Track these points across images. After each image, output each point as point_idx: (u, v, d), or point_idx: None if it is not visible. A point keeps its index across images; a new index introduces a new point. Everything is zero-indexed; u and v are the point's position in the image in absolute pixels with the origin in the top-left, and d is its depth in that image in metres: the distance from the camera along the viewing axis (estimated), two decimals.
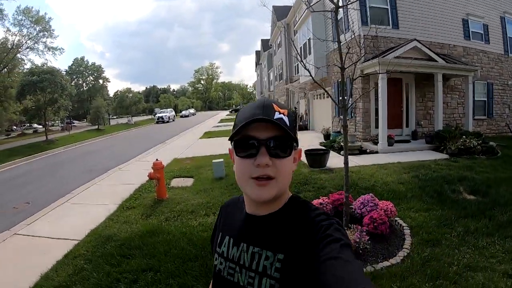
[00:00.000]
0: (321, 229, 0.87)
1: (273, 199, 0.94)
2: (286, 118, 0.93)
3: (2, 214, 7.75)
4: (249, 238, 0.99)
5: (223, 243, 1.07)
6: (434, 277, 3.52)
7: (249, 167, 0.91)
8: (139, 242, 4.94)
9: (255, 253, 0.96)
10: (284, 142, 0.92)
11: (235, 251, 1.01)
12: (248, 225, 1.01)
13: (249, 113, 0.93)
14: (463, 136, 10.02)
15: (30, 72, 25.21)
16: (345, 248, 0.81)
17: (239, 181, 0.96)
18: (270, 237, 0.95)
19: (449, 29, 13.11)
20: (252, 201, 0.99)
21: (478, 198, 6.00)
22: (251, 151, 0.91)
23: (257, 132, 0.91)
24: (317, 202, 5.12)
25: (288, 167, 0.94)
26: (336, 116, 15.32)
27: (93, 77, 66.94)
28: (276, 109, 0.93)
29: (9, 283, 4.26)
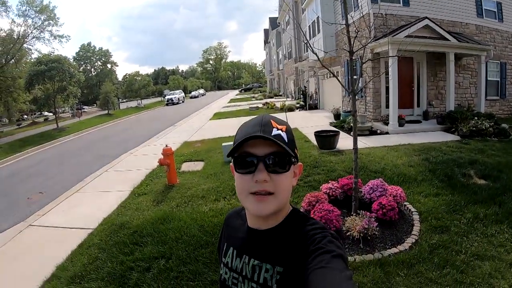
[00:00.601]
0: (314, 242, 0.90)
1: (273, 213, 0.96)
2: (284, 134, 0.95)
3: (17, 205, 7.92)
4: (250, 251, 1.02)
5: (228, 254, 1.10)
6: (441, 266, 3.52)
7: (248, 183, 0.93)
8: (151, 229, 5.00)
9: (255, 265, 0.99)
10: (282, 158, 0.93)
11: (238, 262, 1.04)
12: (250, 238, 1.04)
13: (247, 130, 0.95)
14: (474, 117, 9.80)
15: (38, 62, 25.35)
16: (335, 259, 0.83)
17: (239, 196, 0.98)
18: (270, 251, 0.97)
19: (461, 7, 12.65)
20: (253, 215, 1.02)
21: (489, 183, 5.87)
22: (249, 167, 0.93)
23: (255, 149, 0.92)
24: (327, 187, 5.13)
25: (287, 182, 0.95)
26: (346, 95, 15.12)
27: (101, 62, 66.81)
28: (274, 126, 0.94)
29: (26, 275, 4.34)
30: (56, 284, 3.92)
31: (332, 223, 4.05)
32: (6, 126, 33.42)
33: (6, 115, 32.45)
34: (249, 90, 63.53)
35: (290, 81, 33.37)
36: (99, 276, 3.94)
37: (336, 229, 4.10)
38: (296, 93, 28.40)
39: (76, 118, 32.57)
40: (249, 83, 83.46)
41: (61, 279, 4.01)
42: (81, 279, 3.95)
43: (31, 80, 24.67)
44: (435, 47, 10.72)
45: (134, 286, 3.70)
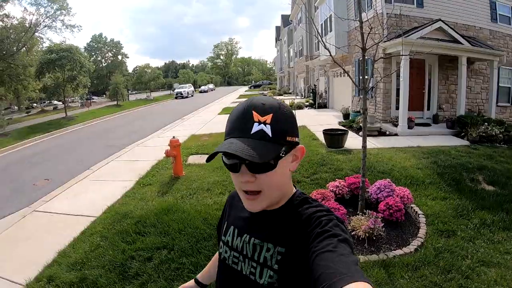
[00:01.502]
0: (320, 224, 0.87)
1: (267, 207, 0.95)
2: (268, 128, 0.87)
3: (23, 191, 7.97)
4: (252, 230, 1.02)
5: (228, 232, 1.09)
6: (446, 270, 3.47)
7: (237, 181, 0.92)
8: (155, 219, 5.00)
9: (256, 245, 0.98)
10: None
11: (238, 241, 1.04)
12: (253, 218, 1.02)
13: (232, 124, 0.91)
14: (485, 123, 9.68)
15: (49, 50, 25.48)
16: (342, 243, 0.80)
17: (236, 190, 0.98)
18: (273, 231, 0.96)
19: (476, 11, 12.48)
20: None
21: (496, 190, 5.81)
22: (234, 168, 0.90)
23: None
24: (334, 185, 5.09)
25: (275, 178, 0.91)
26: (356, 95, 15.03)
27: (112, 53, 67.10)
28: (256, 119, 0.87)
29: (27, 259, 4.36)
30: (57, 270, 3.93)
31: None
32: (15, 113, 33.67)
33: (16, 103, 32.74)
34: (258, 87, 63.43)
35: (300, 79, 33.28)
36: (100, 263, 3.95)
37: None
38: (306, 92, 28.30)
39: (85, 108, 32.83)
40: (259, 80, 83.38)
41: (62, 265, 4.02)
42: (81, 266, 3.95)
43: (42, 68, 24.81)
44: (448, 50, 10.58)
45: (134, 276, 3.69)
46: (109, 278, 3.65)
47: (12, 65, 23.01)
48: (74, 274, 3.79)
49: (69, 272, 3.84)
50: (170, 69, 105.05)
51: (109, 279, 3.65)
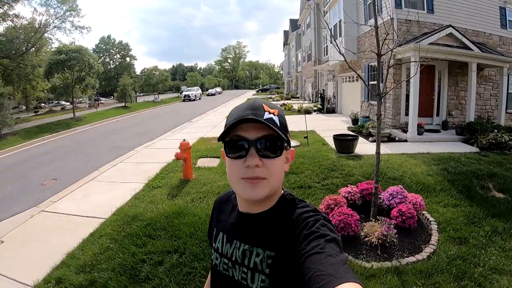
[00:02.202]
0: (307, 226, 0.89)
1: (265, 198, 0.95)
2: (276, 118, 0.93)
3: (30, 191, 7.98)
4: (241, 236, 1.02)
5: (218, 239, 1.09)
6: (459, 277, 3.45)
7: (239, 168, 0.92)
8: (165, 222, 5.00)
9: (246, 250, 0.98)
10: (274, 142, 0.92)
11: (228, 247, 1.04)
12: (241, 223, 1.03)
13: (238, 114, 0.93)
14: (494, 130, 9.62)
15: (58, 51, 25.68)
16: (329, 243, 0.82)
17: (231, 181, 0.97)
18: (261, 235, 0.97)
19: (485, 17, 12.45)
20: (244, 200, 1.00)
21: (507, 197, 5.74)
22: (240, 152, 0.91)
23: (246, 133, 0.91)
24: (346, 191, 5.09)
25: (279, 167, 0.94)
26: (365, 101, 15.01)
27: (120, 55, 67.67)
28: (265, 109, 0.93)
29: (36, 261, 4.34)
30: (65, 271, 3.91)
31: (351, 228, 4.01)
32: (23, 113, 33.91)
33: (24, 102, 33.01)
34: (266, 90, 63.61)
35: (308, 84, 33.30)
36: (110, 266, 3.94)
37: (354, 234, 4.07)
38: (314, 96, 28.31)
39: (93, 109, 33.04)
40: (266, 83, 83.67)
41: (71, 267, 4.00)
42: (91, 268, 3.93)
43: (51, 69, 25.00)
44: (458, 56, 10.54)
45: (145, 279, 3.67)
46: (119, 282, 3.63)
47: (21, 65, 23.33)
48: (83, 276, 3.77)
49: (78, 275, 3.82)
50: (177, 71, 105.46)
51: (119, 282, 3.62)
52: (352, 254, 3.88)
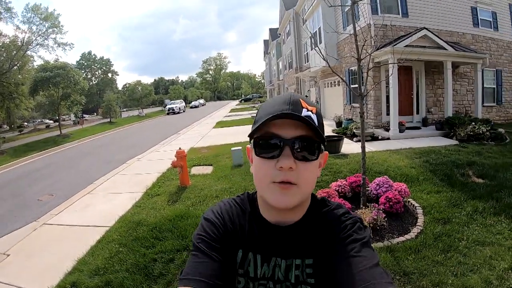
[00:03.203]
0: (345, 229, 0.87)
1: (296, 206, 0.88)
2: (315, 117, 0.84)
3: (28, 206, 8.01)
4: (280, 251, 0.92)
5: (247, 261, 0.93)
6: (445, 250, 3.87)
7: (270, 170, 0.83)
8: (170, 225, 5.21)
9: (289, 265, 0.91)
10: (312, 143, 0.84)
11: (266, 268, 0.92)
12: (276, 237, 0.92)
13: (273, 108, 0.84)
14: (472, 123, 10.21)
15: (43, 68, 25.62)
16: (365, 247, 0.82)
17: (259, 184, 0.88)
18: (299, 245, 0.92)
19: (458, 17, 13.21)
20: (273, 208, 0.89)
21: (486, 182, 6.27)
22: (273, 151, 0.82)
23: (282, 130, 0.82)
24: (336, 184, 5.49)
25: (314, 172, 0.87)
26: (348, 104, 15.55)
27: (102, 71, 67.50)
28: (304, 106, 0.84)
29: (46, 270, 4.44)
30: (79, 276, 4.03)
31: None
32: (7, 133, 33.58)
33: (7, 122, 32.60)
34: (249, 100, 64.04)
35: (290, 91, 33.70)
36: (123, 267, 4.10)
37: None
38: None
39: (78, 126, 32.95)
40: (248, 93, 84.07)
41: (83, 271, 4.13)
42: (104, 271, 4.08)
43: (36, 86, 24.94)
44: (434, 56, 11.17)
45: (159, 276, 3.89)
46: (135, 280, 3.81)
47: (4, 83, 23.11)
48: (98, 279, 3.92)
49: (93, 278, 3.96)
50: (159, 85, 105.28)
51: (135, 280, 3.80)
52: None
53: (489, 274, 3.40)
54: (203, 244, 0.86)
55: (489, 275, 3.38)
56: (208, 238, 0.88)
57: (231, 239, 0.92)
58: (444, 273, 3.45)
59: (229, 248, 0.91)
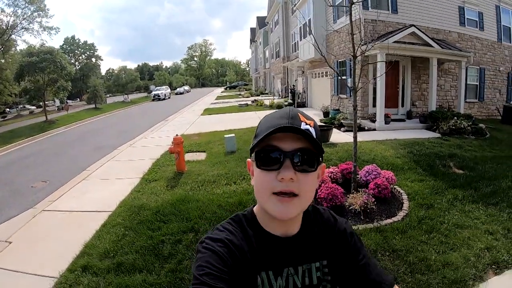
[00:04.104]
0: (351, 237, 1.04)
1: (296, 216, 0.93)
2: (313, 130, 0.88)
3: (21, 193, 7.98)
4: (292, 261, 0.96)
5: (260, 282, 0.92)
6: (429, 231, 4.34)
7: (271, 181, 0.86)
8: (172, 209, 5.41)
9: (306, 270, 0.97)
10: (311, 155, 0.87)
11: (280, 281, 0.94)
12: (285, 249, 0.95)
13: (272, 122, 0.88)
14: (454, 117, 10.72)
15: (29, 53, 25.09)
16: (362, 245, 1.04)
17: (259, 196, 0.91)
18: (310, 250, 0.98)
19: (445, 15, 13.68)
20: (276, 220, 0.92)
21: (466, 173, 6.79)
22: (274, 163, 0.85)
23: (282, 143, 0.85)
24: (328, 171, 5.89)
25: (313, 183, 0.90)
26: (335, 94, 15.95)
27: (86, 56, 66.21)
28: (302, 120, 0.88)
29: (52, 255, 4.47)
30: (89, 259, 4.11)
31: (337, 199, 4.84)
32: None
33: None
34: (234, 87, 63.80)
35: (277, 80, 34.09)
36: (132, 249, 4.24)
37: (340, 204, 4.90)
38: (283, 92, 29.16)
39: (63, 112, 32.36)
40: (233, 81, 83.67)
41: (93, 255, 4.22)
42: (114, 253, 4.20)
43: (22, 72, 24.45)
44: (420, 52, 11.64)
45: (169, 256, 4.07)
46: (146, 260, 3.97)
47: None
48: (109, 261, 4.04)
49: (103, 260, 4.07)
50: (143, 71, 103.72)
51: (146, 261, 3.96)
52: None
53: (467, 252, 3.86)
54: (207, 277, 0.80)
55: (467, 253, 3.84)
56: (214, 269, 0.82)
57: (242, 267, 0.88)
58: (428, 250, 3.90)
59: (241, 277, 0.87)
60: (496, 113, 15.59)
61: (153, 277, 3.68)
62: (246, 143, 9.94)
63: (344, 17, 13.39)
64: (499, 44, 15.79)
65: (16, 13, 25.01)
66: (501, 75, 16.16)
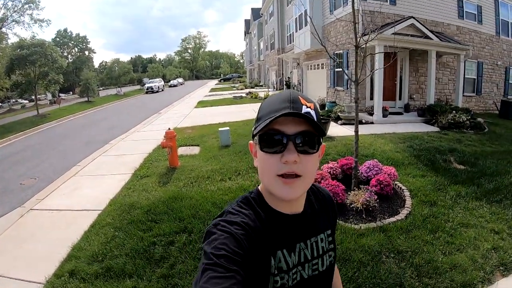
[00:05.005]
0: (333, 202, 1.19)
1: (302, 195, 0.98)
2: (313, 112, 0.91)
3: (10, 191, 7.76)
4: (302, 236, 1.01)
5: (277, 260, 0.94)
6: (433, 231, 4.15)
7: (275, 164, 0.88)
8: (164, 207, 5.15)
9: (313, 242, 1.02)
10: (313, 137, 0.90)
11: (294, 257, 0.97)
12: (294, 226, 0.99)
13: (274, 106, 0.90)
14: (453, 111, 10.58)
15: (20, 46, 24.53)
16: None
17: (264, 178, 0.94)
18: (316, 223, 1.05)
19: (444, 8, 13.50)
20: (282, 200, 0.94)
21: (467, 168, 6.62)
22: (278, 146, 0.88)
23: (285, 127, 0.88)
24: (328, 166, 5.68)
25: (315, 164, 0.93)
26: (331, 87, 15.73)
27: (78, 49, 65.35)
28: (303, 103, 0.90)
29: (39, 258, 4.26)
30: (76, 263, 3.89)
31: (339, 196, 4.62)
32: None
33: None
34: (228, 80, 63.37)
35: (271, 72, 33.85)
36: (122, 252, 4.00)
37: (342, 202, 4.68)
38: (278, 84, 28.93)
39: (55, 105, 31.88)
40: (227, 73, 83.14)
41: (80, 258, 4.00)
42: (103, 256, 3.98)
43: (12, 65, 23.89)
44: (419, 45, 11.40)
45: (160, 259, 3.83)
46: (136, 264, 3.74)
47: None
48: (97, 265, 3.81)
49: (91, 264, 3.84)
50: (137, 63, 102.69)
51: (136, 265, 3.73)
52: (342, 219, 4.46)
53: (475, 253, 3.69)
54: (224, 259, 0.79)
55: (474, 254, 3.67)
56: (230, 252, 0.81)
57: (259, 249, 0.89)
58: (434, 251, 3.71)
59: (257, 258, 0.88)
60: (493, 107, 15.49)
61: (144, 283, 3.46)
62: (241, 137, 9.72)
63: (341, 8, 13.14)
64: (497, 38, 15.63)
65: (6, 6, 24.40)
66: (499, 69, 16.03)
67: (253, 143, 0.97)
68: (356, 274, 3.36)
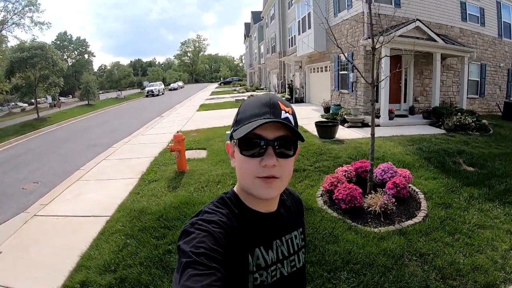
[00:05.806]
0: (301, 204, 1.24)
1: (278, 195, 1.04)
2: (292, 117, 0.94)
3: (12, 196, 7.53)
4: (278, 233, 1.04)
5: (255, 257, 0.96)
6: (452, 233, 4.17)
7: (255, 167, 0.91)
8: (176, 213, 5.00)
9: (288, 239, 1.07)
10: (291, 142, 0.93)
11: (272, 254, 1.00)
12: (270, 224, 1.02)
13: (254, 110, 0.93)
14: (458, 113, 10.59)
15: (20, 48, 24.33)
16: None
17: (243, 179, 0.96)
18: (289, 221, 1.10)
19: (448, 10, 13.54)
20: (259, 200, 0.97)
21: (477, 170, 6.64)
22: (258, 151, 0.90)
23: (264, 132, 0.90)
24: (343, 170, 5.67)
25: (291, 166, 0.97)
26: (336, 90, 15.72)
27: (78, 52, 65.33)
28: (282, 108, 0.93)
29: (46, 268, 4.04)
30: (87, 274, 3.69)
31: (356, 200, 4.61)
32: None
33: None
34: (228, 83, 63.38)
35: (272, 75, 33.83)
36: (136, 261, 3.82)
37: (360, 205, 4.67)
38: (280, 87, 28.89)
39: (55, 109, 31.81)
40: (227, 76, 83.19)
41: (91, 268, 3.80)
42: (115, 266, 3.79)
43: (12, 68, 23.63)
44: (424, 47, 11.41)
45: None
46: (152, 274, 3.57)
47: None
48: (110, 275, 3.62)
49: (103, 275, 3.65)
50: (136, 67, 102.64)
51: (152, 275, 3.56)
52: (360, 223, 4.47)
53: (494, 254, 3.72)
54: (203, 257, 0.80)
55: (493, 255, 3.70)
56: (209, 250, 0.82)
57: (236, 247, 0.91)
58: (454, 253, 3.73)
59: (235, 256, 0.89)
60: (496, 109, 15.52)
61: None
62: None
63: (346, 10, 13.20)
64: (500, 40, 15.73)
65: (6, 8, 24.34)
66: (502, 71, 16.14)
67: (231, 144, 1.00)
68: (382, 279, 3.35)
